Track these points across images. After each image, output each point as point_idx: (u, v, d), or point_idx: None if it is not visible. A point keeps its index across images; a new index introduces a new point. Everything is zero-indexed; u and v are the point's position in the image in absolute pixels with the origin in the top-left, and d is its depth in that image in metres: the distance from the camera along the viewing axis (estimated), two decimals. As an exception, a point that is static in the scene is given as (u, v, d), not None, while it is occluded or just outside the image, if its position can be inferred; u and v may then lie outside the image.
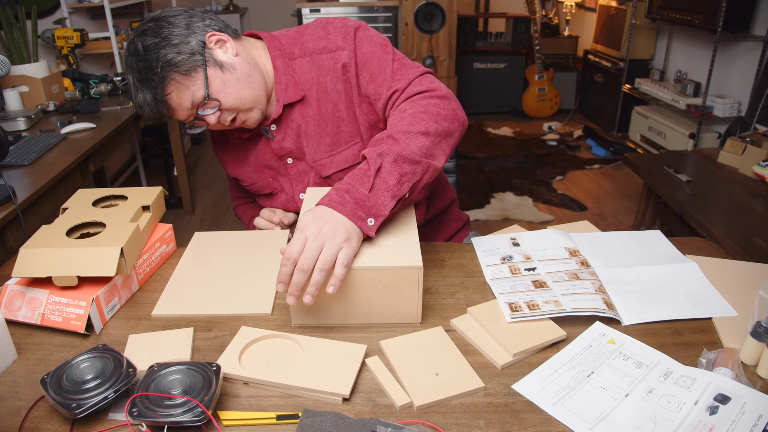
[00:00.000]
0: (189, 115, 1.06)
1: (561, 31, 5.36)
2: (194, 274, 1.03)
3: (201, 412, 0.67)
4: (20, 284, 0.91)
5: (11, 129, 2.06)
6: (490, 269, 1.02)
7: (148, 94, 1.03)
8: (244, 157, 1.25)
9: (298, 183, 1.22)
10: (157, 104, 1.03)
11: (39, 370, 0.81)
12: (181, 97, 1.03)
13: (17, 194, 1.49)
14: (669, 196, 2.27)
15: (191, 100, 1.03)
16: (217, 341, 0.86)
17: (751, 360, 0.80)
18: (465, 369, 0.79)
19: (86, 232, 1.01)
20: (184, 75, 1.01)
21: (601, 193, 3.57)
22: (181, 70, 1.01)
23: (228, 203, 3.50)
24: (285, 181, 1.23)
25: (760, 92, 3.06)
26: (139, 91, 1.03)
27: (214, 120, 1.07)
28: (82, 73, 2.62)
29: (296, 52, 1.14)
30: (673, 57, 4.17)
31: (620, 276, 0.98)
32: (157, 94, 1.02)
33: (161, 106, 1.04)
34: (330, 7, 3.89)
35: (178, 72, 1.01)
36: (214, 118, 1.06)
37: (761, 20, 3.23)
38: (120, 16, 3.77)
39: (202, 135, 4.63)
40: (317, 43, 1.12)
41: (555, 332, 0.85)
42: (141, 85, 1.03)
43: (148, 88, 1.02)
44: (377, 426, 0.68)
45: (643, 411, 0.71)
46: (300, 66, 1.13)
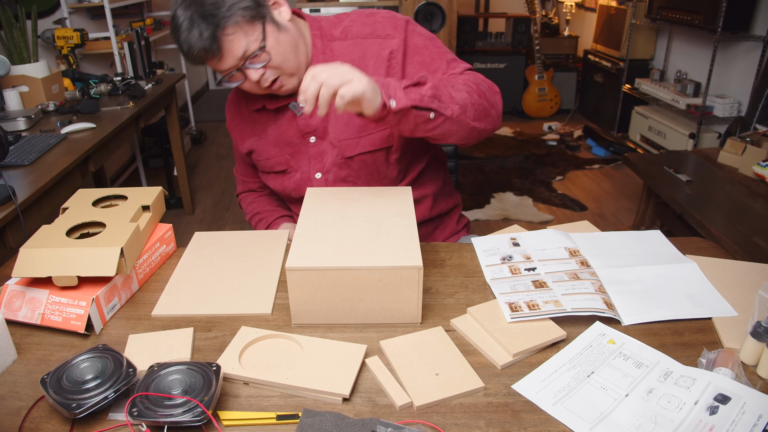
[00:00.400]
0: (234, 65, 1.05)
1: (561, 31, 5.36)
2: (194, 274, 1.03)
3: (201, 412, 0.67)
4: (20, 284, 0.91)
5: (11, 129, 2.06)
6: (490, 269, 1.02)
7: (207, 30, 1.00)
8: (261, 131, 1.24)
9: (316, 162, 1.22)
10: (213, 42, 1.01)
11: (39, 370, 0.81)
12: (237, 43, 1.02)
13: (17, 194, 1.49)
14: (669, 196, 2.26)
15: (244, 49, 1.03)
16: (217, 341, 0.86)
17: (751, 360, 0.80)
18: (465, 369, 0.79)
19: (86, 232, 1.01)
20: (248, 22, 1.02)
21: (601, 193, 3.57)
22: (246, 16, 1.01)
23: (228, 203, 3.50)
24: (302, 160, 1.23)
25: (760, 92, 3.06)
26: (195, 26, 1.00)
27: (257, 76, 1.06)
28: (82, 73, 2.62)
29: (336, 34, 1.17)
30: (673, 57, 4.17)
31: (620, 276, 0.98)
32: (216, 32, 1.00)
33: (215, 45, 1.01)
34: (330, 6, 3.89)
35: (244, 17, 1.01)
36: (256, 75, 1.06)
37: (761, 20, 3.22)
38: (120, 16, 3.77)
39: (201, 135, 4.64)
40: (362, 29, 1.16)
41: (555, 332, 0.85)
42: (201, 20, 1.00)
43: (208, 24, 1.00)
44: (377, 426, 0.68)
45: (643, 411, 0.71)
46: (339, 48, 1.16)
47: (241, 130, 1.29)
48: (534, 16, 4.83)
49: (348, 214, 1.01)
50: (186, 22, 1.01)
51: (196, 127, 4.75)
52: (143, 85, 2.76)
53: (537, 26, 4.80)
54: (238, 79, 1.08)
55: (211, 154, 4.40)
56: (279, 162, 1.25)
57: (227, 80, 1.08)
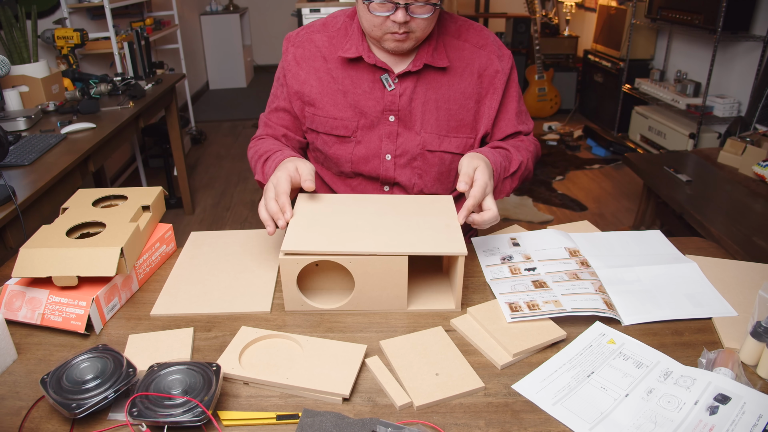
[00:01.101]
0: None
1: (561, 31, 5.35)
2: (192, 274, 1.03)
3: (201, 412, 0.67)
4: (20, 284, 0.91)
5: (11, 129, 2.06)
6: (490, 269, 1.02)
7: None
8: (335, 85, 1.17)
9: (389, 143, 1.18)
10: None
11: (39, 370, 0.81)
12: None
13: (17, 194, 1.49)
14: (669, 196, 2.26)
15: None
16: (217, 341, 0.86)
17: (751, 360, 0.80)
18: (465, 369, 0.79)
19: (86, 232, 1.01)
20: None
21: (601, 193, 3.57)
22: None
23: (228, 203, 3.50)
24: (373, 134, 1.18)
25: (760, 92, 3.06)
26: None
27: (404, 18, 1.01)
28: (82, 73, 2.63)
29: (450, 30, 1.17)
30: (673, 57, 4.17)
31: (620, 276, 0.98)
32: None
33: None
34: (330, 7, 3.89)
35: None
36: (404, 17, 1.01)
37: (761, 20, 3.22)
38: (120, 16, 3.77)
39: (201, 135, 4.64)
40: (476, 37, 1.17)
41: (555, 332, 0.85)
42: None
43: None
44: (377, 426, 0.68)
45: (643, 411, 0.71)
46: (450, 43, 1.16)
47: (308, 73, 1.18)
48: (534, 16, 4.83)
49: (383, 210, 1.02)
50: None
51: (196, 127, 4.75)
52: (143, 85, 2.76)
53: (537, 26, 4.80)
54: (386, 8, 1.02)
55: (211, 154, 4.40)
56: (346, 126, 1.18)
57: (375, 7, 1.02)
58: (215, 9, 6.00)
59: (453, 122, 1.17)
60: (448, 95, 1.16)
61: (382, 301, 0.91)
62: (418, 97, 1.15)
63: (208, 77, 6.27)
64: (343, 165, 1.22)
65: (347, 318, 0.91)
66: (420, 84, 1.15)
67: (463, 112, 1.17)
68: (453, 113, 1.17)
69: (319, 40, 1.18)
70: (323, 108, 1.18)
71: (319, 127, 1.20)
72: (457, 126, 1.18)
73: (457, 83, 1.16)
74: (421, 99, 1.16)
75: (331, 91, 1.17)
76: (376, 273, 0.88)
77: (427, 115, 1.17)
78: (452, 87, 1.16)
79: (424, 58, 1.13)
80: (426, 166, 1.20)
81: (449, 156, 1.19)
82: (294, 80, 1.19)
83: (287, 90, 1.20)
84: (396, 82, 1.15)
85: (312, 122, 1.20)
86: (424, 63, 1.13)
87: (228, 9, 6.04)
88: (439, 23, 1.15)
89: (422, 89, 1.15)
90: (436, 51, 1.13)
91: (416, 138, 1.18)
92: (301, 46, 1.19)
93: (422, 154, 1.18)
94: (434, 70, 1.15)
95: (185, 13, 5.30)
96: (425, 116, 1.16)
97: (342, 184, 1.25)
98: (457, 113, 1.17)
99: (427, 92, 1.15)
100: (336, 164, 1.23)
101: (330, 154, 1.22)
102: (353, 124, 1.18)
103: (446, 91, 1.16)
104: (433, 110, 1.16)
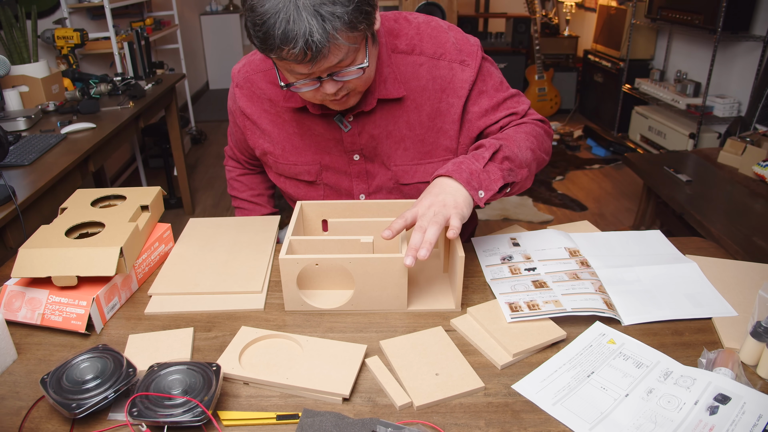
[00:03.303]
0: (316, 73, 0.88)
1: (561, 31, 5.35)
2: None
3: (201, 412, 0.67)
4: (20, 284, 0.91)
5: (11, 129, 2.06)
6: (490, 269, 1.02)
7: (317, 28, 0.81)
8: (291, 132, 1.09)
9: (360, 182, 1.12)
10: (319, 44, 0.81)
11: (39, 370, 0.81)
12: (339, 52, 0.85)
13: (17, 194, 1.49)
14: (669, 196, 2.26)
15: (341, 59, 0.86)
16: (217, 341, 0.86)
17: (751, 360, 0.80)
18: (465, 369, 0.79)
19: (85, 232, 1.01)
20: (356, 31, 0.85)
21: (601, 193, 3.57)
22: (357, 24, 0.84)
23: (228, 203, 3.50)
24: (341, 176, 1.12)
25: (760, 92, 3.06)
26: (302, 19, 0.80)
27: (334, 90, 0.91)
28: (82, 73, 2.63)
29: (401, 46, 1.04)
30: (673, 57, 4.17)
31: (620, 276, 0.98)
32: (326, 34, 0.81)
33: (318, 48, 0.82)
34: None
35: (353, 25, 0.83)
36: (334, 88, 0.91)
37: (761, 20, 3.22)
38: (120, 16, 3.77)
39: (201, 135, 4.64)
40: (431, 46, 1.04)
41: (555, 332, 0.85)
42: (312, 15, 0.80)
43: (320, 21, 0.81)
44: (377, 426, 0.68)
45: (643, 411, 0.71)
46: (404, 63, 1.04)
47: (261, 123, 1.12)
48: (534, 16, 4.83)
49: None
50: (291, 10, 0.81)
51: (196, 127, 4.74)
52: (143, 85, 2.76)
53: (537, 26, 4.80)
54: (310, 85, 0.92)
55: (211, 154, 4.39)
56: (308, 171, 1.12)
57: (296, 87, 0.92)
58: (215, 9, 6.00)
59: (425, 147, 1.08)
60: (411, 122, 1.06)
61: (382, 301, 0.91)
62: (380, 132, 1.07)
63: (208, 77, 6.27)
64: None
65: (347, 318, 0.91)
66: (378, 118, 1.06)
67: (432, 135, 1.07)
68: (421, 139, 1.08)
69: (262, 83, 1.10)
70: (282, 155, 1.12)
71: (284, 172, 1.15)
72: (430, 150, 1.09)
73: (418, 107, 1.05)
74: (382, 134, 1.07)
75: (286, 135, 1.10)
76: (376, 273, 0.88)
77: (393, 149, 1.08)
78: (414, 113, 1.06)
79: (377, 92, 1.03)
80: (404, 198, 1.13)
81: (425, 186, 1.03)
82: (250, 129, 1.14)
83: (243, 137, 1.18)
84: (351, 120, 1.06)
85: (276, 168, 1.15)
86: (377, 98, 1.03)
87: (228, 9, 6.04)
88: (387, 42, 1.04)
89: (382, 123, 1.06)
90: (389, 81, 1.03)
91: (388, 173, 1.11)
92: (245, 89, 1.12)
93: (397, 188, 1.12)
94: (390, 101, 1.05)
95: (185, 13, 5.30)
96: (391, 150, 1.08)
97: None
98: (425, 138, 1.08)
99: (387, 126, 1.06)
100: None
101: (301, 197, 1.16)
102: (315, 167, 1.12)
103: (408, 119, 1.06)
104: (399, 142, 1.08)
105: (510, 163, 0.96)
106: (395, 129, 1.07)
